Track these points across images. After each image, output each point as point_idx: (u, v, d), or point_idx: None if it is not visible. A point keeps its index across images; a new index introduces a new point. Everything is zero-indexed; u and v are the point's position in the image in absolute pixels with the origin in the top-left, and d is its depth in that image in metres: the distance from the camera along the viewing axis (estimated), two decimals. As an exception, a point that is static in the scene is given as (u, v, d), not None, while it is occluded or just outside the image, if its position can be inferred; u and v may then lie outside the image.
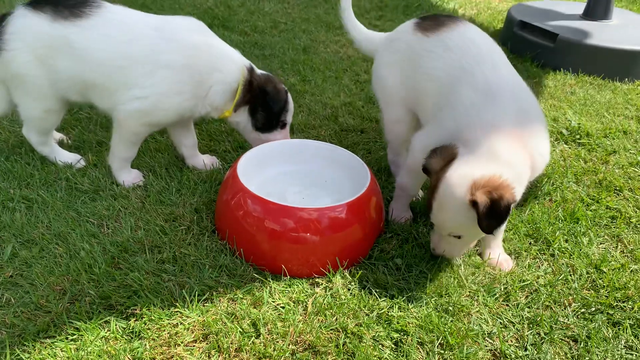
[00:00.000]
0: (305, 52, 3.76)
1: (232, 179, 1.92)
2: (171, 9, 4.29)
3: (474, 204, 1.62)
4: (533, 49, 3.85)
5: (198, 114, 2.19)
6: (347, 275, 1.83)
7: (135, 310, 1.63)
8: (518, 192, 1.69)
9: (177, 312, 1.64)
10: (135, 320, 1.60)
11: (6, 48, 2.01)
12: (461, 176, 1.66)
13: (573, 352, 1.61)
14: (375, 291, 1.77)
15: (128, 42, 2.04)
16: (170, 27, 2.11)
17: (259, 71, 2.26)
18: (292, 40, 3.94)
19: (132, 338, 1.55)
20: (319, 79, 3.34)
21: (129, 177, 2.23)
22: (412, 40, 2.07)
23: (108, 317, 1.60)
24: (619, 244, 2.08)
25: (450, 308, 1.71)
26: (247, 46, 3.77)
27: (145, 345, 1.52)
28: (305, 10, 4.67)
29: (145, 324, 1.59)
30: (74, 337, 1.54)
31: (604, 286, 1.86)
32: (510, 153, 1.69)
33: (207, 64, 2.11)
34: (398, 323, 1.64)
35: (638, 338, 1.67)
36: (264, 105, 2.22)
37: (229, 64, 2.16)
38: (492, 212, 1.60)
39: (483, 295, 1.78)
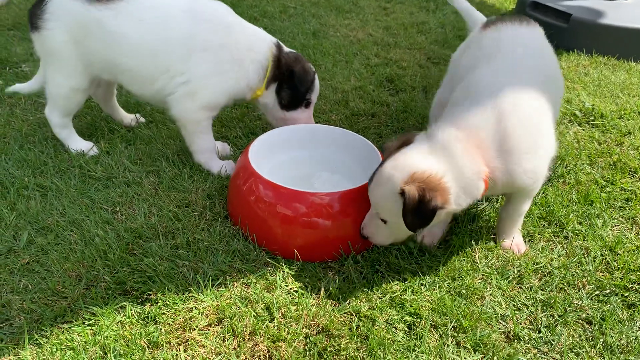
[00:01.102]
0: (315, 37, 3.74)
1: (244, 164, 1.92)
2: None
3: (402, 194, 1.57)
4: (546, 29, 3.73)
5: (242, 95, 2.21)
6: (360, 259, 1.83)
7: (150, 295, 1.65)
8: (456, 201, 1.62)
9: (191, 296, 1.65)
10: (151, 305, 1.62)
11: (45, 27, 2.08)
12: (405, 163, 1.62)
13: (587, 334, 1.61)
14: (388, 275, 1.77)
15: (161, 25, 2.06)
16: (201, 9, 2.13)
17: (286, 49, 2.29)
18: (302, 25, 3.91)
19: (147, 323, 1.57)
20: (329, 64, 3.33)
21: (220, 166, 2.25)
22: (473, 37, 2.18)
23: (123, 302, 1.62)
24: (634, 225, 2.06)
25: (464, 291, 1.71)
26: (256, 31, 3.77)
27: (161, 329, 1.54)
28: (314, -6, 4.63)
29: (160, 308, 1.61)
30: (91, 322, 1.56)
31: (618, 268, 1.84)
32: (465, 160, 1.62)
33: (243, 42, 2.14)
34: (411, 306, 1.65)
35: (653, 320, 1.66)
36: (290, 84, 2.24)
37: (259, 42, 2.20)
38: (417, 210, 1.55)
39: (496, 278, 1.77)
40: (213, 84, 2.11)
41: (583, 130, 2.72)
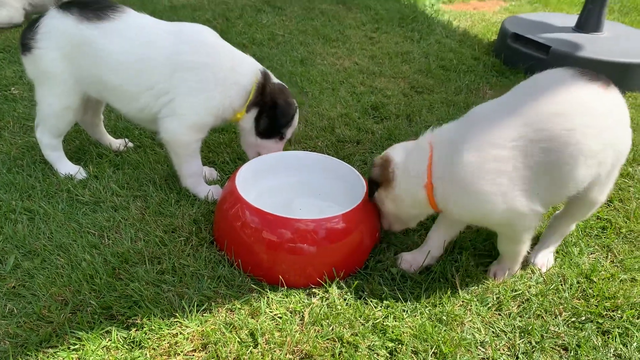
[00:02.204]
0: (303, 64, 3.82)
1: (230, 190, 1.96)
2: (170, 21, 4.34)
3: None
4: (526, 61, 3.92)
5: (227, 115, 2.25)
6: (344, 285, 1.87)
7: (136, 320, 1.66)
8: (398, 191, 1.87)
9: (176, 322, 1.67)
10: (136, 330, 1.64)
11: (37, 46, 2.13)
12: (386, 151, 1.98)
13: (563, 360, 1.66)
14: (371, 301, 1.81)
15: (146, 44, 2.13)
16: (186, 31, 2.20)
17: (275, 80, 2.35)
18: (290, 53, 4.00)
19: (132, 347, 1.59)
20: (316, 91, 3.40)
21: (207, 191, 2.28)
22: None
23: (109, 327, 1.64)
24: (609, 253, 2.13)
25: (444, 317, 1.75)
26: (244, 58, 3.84)
27: (146, 354, 1.56)
28: (302, 23, 4.73)
29: (146, 333, 1.62)
30: (76, 346, 1.57)
31: (594, 295, 1.90)
32: (414, 163, 1.83)
33: (226, 63, 2.19)
34: (393, 332, 1.68)
35: (626, 346, 1.71)
36: (270, 113, 2.28)
37: (245, 65, 2.25)
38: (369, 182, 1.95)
39: (476, 305, 1.82)
40: (197, 103, 2.15)
41: (561, 159, 2.80)
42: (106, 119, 2.78)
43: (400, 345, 1.64)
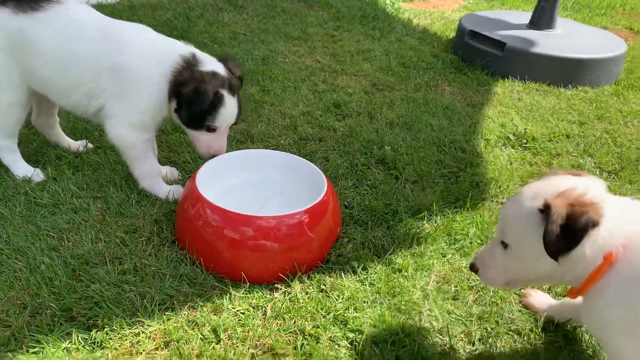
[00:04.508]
0: (265, 63, 3.83)
1: (191, 189, 1.97)
2: (130, 21, 4.30)
3: (544, 210, 1.38)
4: (483, 57, 4.02)
5: (164, 114, 2.21)
6: (306, 279, 1.90)
7: (97, 321, 1.66)
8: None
9: (138, 321, 1.67)
10: (97, 331, 1.63)
11: None
12: (556, 182, 1.47)
13: (517, 345, 1.72)
14: (333, 294, 1.85)
15: (75, 39, 2.11)
16: (115, 30, 2.17)
17: (207, 67, 2.13)
18: (251, 51, 4.00)
19: (94, 348, 1.58)
20: (278, 89, 3.42)
21: (167, 190, 2.27)
22: None
23: (70, 329, 1.63)
24: (561, 242, 2.21)
25: (403, 307, 1.80)
26: (206, 57, 3.83)
27: (107, 354, 1.56)
28: (264, 21, 4.74)
29: (107, 334, 1.62)
30: (35, 349, 1.56)
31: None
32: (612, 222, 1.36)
33: (152, 59, 2.12)
34: (353, 323, 1.72)
35: (576, 329, 1.79)
36: (179, 101, 2.12)
37: (169, 56, 2.12)
38: (565, 228, 1.33)
39: (434, 295, 1.87)
40: (129, 106, 2.13)
41: (516, 152, 2.90)
42: (64, 121, 2.74)
43: (360, 336, 1.69)
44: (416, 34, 4.79)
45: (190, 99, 2.07)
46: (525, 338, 1.74)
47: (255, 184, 2.28)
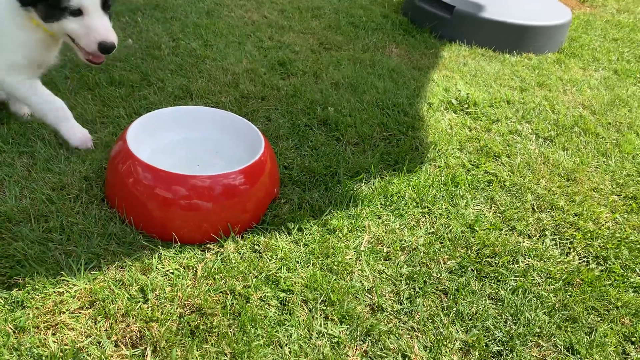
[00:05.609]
0: (209, 16, 3.70)
1: (122, 146, 1.90)
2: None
3: None
4: (431, 20, 4.01)
5: (36, 36, 2.04)
6: (239, 240, 1.89)
7: (18, 280, 1.60)
8: None
9: (63, 280, 1.63)
10: (18, 290, 1.58)
11: None
12: None
13: (443, 304, 1.78)
14: (266, 254, 1.84)
15: None
16: None
17: None
18: (196, 3, 3.85)
19: (14, 308, 1.53)
20: (222, 44, 3.31)
21: (74, 134, 2.19)
22: None
23: (-12, 288, 1.57)
24: (493, 205, 2.28)
25: (335, 267, 1.82)
26: (148, 9, 3.66)
27: (29, 314, 1.51)
28: (211, -28, 4.55)
29: (29, 293, 1.57)
30: (-50, 309, 1.50)
31: (475, 244, 2.04)
32: None
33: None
34: (285, 283, 1.73)
35: (500, 289, 1.86)
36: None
37: None
38: None
39: (366, 255, 1.90)
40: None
41: (457, 117, 2.93)
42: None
43: (291, 295, 1.70)
44: (368, -7, 4.72)
45: None
46: (451, 298, 1.80)
47: (192, 142, 2.22)
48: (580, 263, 2.04)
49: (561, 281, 1.93)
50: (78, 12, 1.96)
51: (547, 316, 1.78)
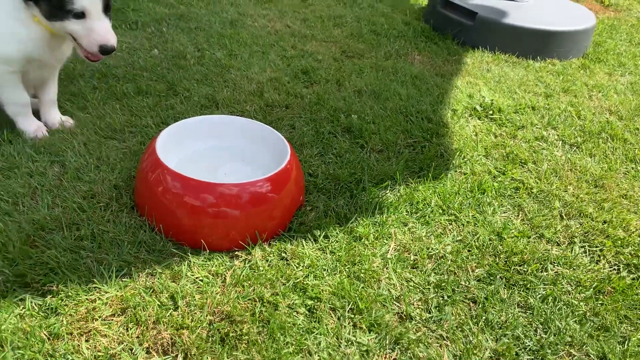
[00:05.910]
0: (233, 26, 3.74)
1: (151, 155, 1.93)
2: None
3: None
4: (454, 27, 4.00)
5: (33, 36, 2.09)
6: (267, 247, 1.90)
7: (52, 287, 1.63)
8: None
9: (95, 287, 1.65)
10: (52, 297, 1.61)
11: None
12: None
13: (472, 312, 1.77)
14: (293, 262, 1.85)
15: None
16: None
17: None
18: (220, 13, 3.90)
19: (48, 314, 1.56)
20: (246, 54, 3.35)
21: (30, 126, 2.30)
22: None
23: (23, 295, 1.60)
24: (520, 212, 2.26)
25: (362, 275, 1.82)
26: (172, 19, 3.71)
27: (62, 320, 1.54)
28: (233, -17, 4.61)
29: (62, 300, 1.60)
30: (-13, 316, 1.53)
31: (503, 252, 2.02)
32: None
33: None
34: (312, 291, 1.74)
35: (530, 298, 1.84)
36: None
37: None
38: None
39: (393, 263, 1.90)
40: None
41: (482, 123, 2.92)
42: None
43: (319, 303, 1.70)
44: (388, 0, 4.73)
45: None
46: (480, 306, 1.78)
47: (219, 150, 2.25)
48: (610, 271, 2.01)
49: (592, 289, 1.90)
50: (81, 15, 2.02)
51: (578, 325, 1.76)
